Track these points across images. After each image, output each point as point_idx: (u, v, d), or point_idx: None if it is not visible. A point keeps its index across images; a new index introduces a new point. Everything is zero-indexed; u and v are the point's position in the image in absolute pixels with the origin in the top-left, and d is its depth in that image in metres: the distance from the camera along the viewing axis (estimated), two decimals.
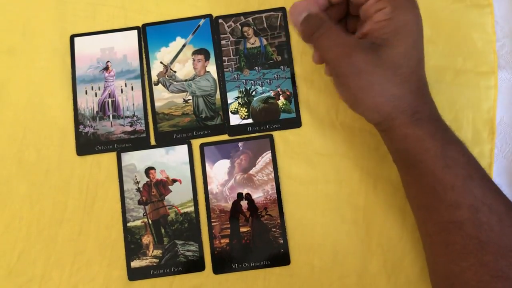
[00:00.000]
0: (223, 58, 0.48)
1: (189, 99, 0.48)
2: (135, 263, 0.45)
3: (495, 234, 0.34)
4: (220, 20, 0.48)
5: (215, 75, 0.48)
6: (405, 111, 0.37)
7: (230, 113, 0.47)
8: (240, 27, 0.48)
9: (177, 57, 0.48)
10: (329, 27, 0.38)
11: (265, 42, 0.48)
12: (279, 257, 0.44)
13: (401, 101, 0.37)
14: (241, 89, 0.48)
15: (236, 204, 0.46)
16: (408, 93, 0.37)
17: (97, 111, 0.48)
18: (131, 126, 0.47)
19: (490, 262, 0.34)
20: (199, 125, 0.47)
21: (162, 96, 0.48)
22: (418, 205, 0.39)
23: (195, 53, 0.48)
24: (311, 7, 0.39)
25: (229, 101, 0.47)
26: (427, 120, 0.37)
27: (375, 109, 0.38)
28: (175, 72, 0.48)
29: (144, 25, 0.49)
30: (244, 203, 0.46)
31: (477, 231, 0.34)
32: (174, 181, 0.46)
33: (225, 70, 0.48)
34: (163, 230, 0.45)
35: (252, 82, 0.48)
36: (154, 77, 0.48)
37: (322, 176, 0.46)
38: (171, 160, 0.47)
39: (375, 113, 0.38)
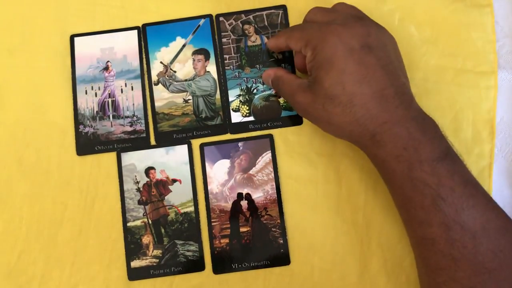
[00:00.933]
0: (224, 56, 0.48)
1: (189, 99, 0.48)
2: (135, 263, 0.45)
3: (468, 251, 0.34)
4: (221, 18, 0.48)
5: (215, 75, 0.48)
6: (363, 134, 0.37)
7: (231, 111, 0.47)
8: (241, 25, 0.48)
9: (177, 57, 0.48)
10: (283, 79, 0.43)
11: (266, 40, 0.48)
12: (279, 257, 0.44)
13: (353, 126, 0.37)
14: (242, 87, 0.48)
15: (236, 204, 0.46)
16: (358, 117, 0.37)
17: (97, 111, 0.48)
18: (131, 126, 0.47)
19: (463, 279, 0.34)
20: (199, 125, 0.47)
21: (162, 96, 0.48)
22: (401, 217, 0.40)
23: (195, 53, 0.48)
24: (275, 71, 0.45)
25: (230, 99, 0.47)
26: (389, 141, 0.36)
27: (336, 134, 0.41)
28: (175, 72, 0.48)
29: (144, 25, 0.49)
30: (244, 203, 0.46)
31: (449, 248, 0.34)
32: (174, 181, 0.46)
33: (226, 68, 0.48)
34: (163, 230, 0.45)
35: (254, 80, 0.48)
36: (154, 77, 0.48)
37: (322, 176, 0.46)
38: (171, 160, 0.47)
39: (343, 136, 0.40)
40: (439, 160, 0.35)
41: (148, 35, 0.49)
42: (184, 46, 0.49)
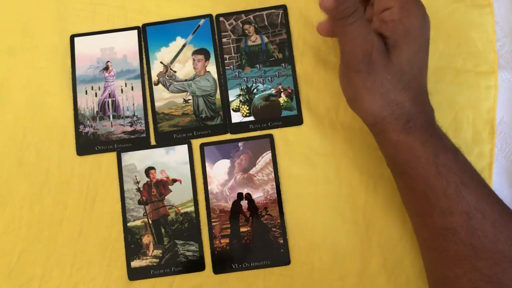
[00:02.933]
0: (224, 56, 0.48)
1: (189, 99, 0.48)
2: (135, 263, 0.45)
3: (489, 240, 0.34)
4: (221, 18, 0.48)
5: (215, 75, 0.48)
6: (399, 117, 0.37)
7: (231, 111, 0.47)
8: (241, 25, 0.48)
9: (177, 57, 0.48)
10: (360, 17, 0.36)
11: (266, 39, 0.48)
12: (279, 257, 0.44)
13: (399, 107, 0.37)
14: (242, 87, 0.48)
15: (236, 204, 0.46)
16: (406, 100, 0.37)
17: (97, 111, 0.48)
18: (131, 126, 0.47)
19: (484, 268, 0.34)
20: (199, 125, 0.47)
21: (162, 96, 0.48)
22: (412, 211, 0.40)
23: (195, 53, 0.48)
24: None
25: (230, 99, 0.47)
26: (420, 128, 0.37)
27: (372, 111, 0.38)
28: (175, 72, 0.48)
29: (144, 25, 0.49)
30: (244, 203, 0.46)
31: (470, 238, 0.34)
32: (174, 181, 0.46)
33: (226, 68, 0.48)
34: (163, 230, 0.45)
35: (254, 79, 0.48)
36: (154, 77, 0.48)
37: (322, 176, 0.46)
38: (171, 160, 0.47)
39: (370, 114, 0.38)
40: (457, 150, 0.37)
41: (148, 35, 0.49)
42: (184, 46, 0.48)
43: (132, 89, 0.48)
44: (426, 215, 0.37)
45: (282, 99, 0.47)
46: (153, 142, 0.47)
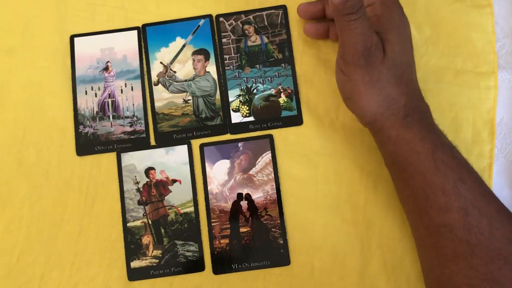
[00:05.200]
0: (224, 56, 0.48)
1: (189, 99, 0.48)
2: (135, 263, 0.45)
3: (485, 237, 0.34)
4: (221, 19, 0.48)
5: (215, 75, 0.48)
6: (397, 112, 0.37)
7: (231, 111, 0.47)
8: (241, 25, 0.48)
9: (177, 57, 0.48)
10: (364, 14, 0.36)
11: (266, 40, 0.48)
12: (279, 257, 0.44)
13: (395, 102, 0.37)
14: (242, 87, 0.48)
15: (236, 204, 0.46)
16: (401, 94, 0.38)
17: (97, 111, 0.48)
18: (131, 126, 0.47)
19: (480, 265, 0.34)
20: (199, 125, 0.47)
21: (162, 96, 0.48)
22: (409, 209, 0.40)
23: (195, 53, 0.48)
24: None
25: (230, 99, 0.47)
26: (418, 123, 0.37)
27: (370, 107, 0.38)
28: (175, 72, 0.48)
29: (144, 25, 0.49)
30: (244, 203, 0.46)
31: (467, 234, 0.35)
32: (174, 181, 0.46)
33: (226, 68, 0.48)
34: (163, 230, 0.45)
35: (253, 80, 0.48)
36: (154, 77, 0.48)
37: (322, 176, 0.46)
38: (171, 160, 0.47)
39: (368, 111, 0.38)
40: (454, 146, 0.38)
41: (148, 35, 0.49)
42: (184, 46, 0.48)
43: (132, 89, 0.48)
44: (424, 212, 0.37)
45: (282, 99, 0.47)
46: (153, 142, 0.47)
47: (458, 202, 0.35)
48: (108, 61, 0.49)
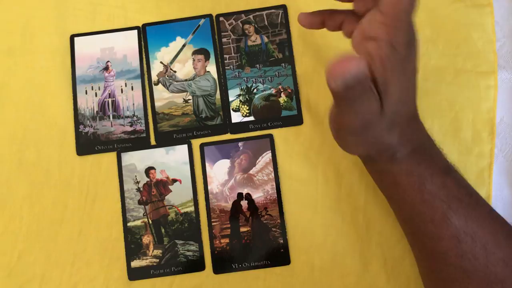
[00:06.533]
0: (224, 56, 0.48)
1: (189, 99, 0.48)
2: (135, 263, 0.45)
3: (479, 263, 0.34)
4: (221, 18, 0.48)
5: (215, 75, 0.48)
6: (385, 152, 0.36)
7: (231, 111, 0.47)
8: (241, 25, 0.48)
9: (177, 57, 0.48)
10: (369, 93, 0.31)
11: (266, 39, 0.48)
12: (279, 257, 0.44)
13: (384, 145, 0.35)
14: (242, 87, 0.48)
15: (236, 204, 0.46)
16: (393, 138, 0.35)
17: (97, 111, 0.48)
18: (131, 126, 0.47)
19: None
20: (199, 125, 0.47)
21: (162, 96, 0.48)
22: (404, 231, 0.40)
23: (195, 53, 0.48)
24: (357, 65, 0.29)
25: (230, 99, 0.47)
26: (406, 157, 0.36)
27: (359, 152, 0.38)
28: (175, 72, 0.48)
29: (144, 25, 0.49)
30: (244, 203, 0.46)
31: (460, 261, 0.34)
32: (174, 181, 0.46)
33: (226, 68, 0.48)
34: (163, 230, 0.45)
35: (254, 79, 0.48)
36: (154, 77, 0.48)
37: (322, 176, 0.46)
38: (171, 160, 0.47)
39: (356, 153, 0.39)
40: (446, 172, 0.36)
41: (148, 35, 0.49)
42: (184, 46, 0.49)
43: (132, 89, 0.48)
44: (416, 238, 0.37)
45: (282, 99, 0.47)
46: (153, 142, 0.47)
47: (449, 231, 0.34)
48: (108, 61, 0.49)
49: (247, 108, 0.47)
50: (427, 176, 0.35)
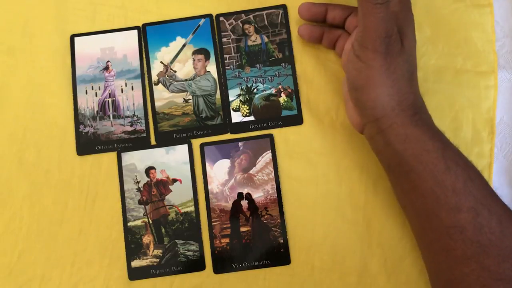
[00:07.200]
0: (224, 56, 0.48)
1: (189, 99, 0.48)
2: (135, 263, 0.45)
3: (496, 236, 0.34)
4: (221, 18, 0.48)
5: (215, 75, 0.48)
6: (407, 109, 0.37)
7: (231, 111, 0.47)
8: (241, 25, 0.48)
9: (177, 57, 0.48)
10: (389, 1, 0.36)
11: (266, 39, 0.48)
12: (280, 256, 0.44)
13: (405, 98, 0.37)
14: (242, 87, 0.48)
15: (236, 204, 0.46)
16: (411, 92, 0.38)
17: (97, 111, 0.48)
18: (131, 126, 0.47)
19: (492, 265, 0.34)
20: (199, 125, 0.47)
21: (162, 96, 0.48)
22: (415, 213, 0.38)
23: (195, 52, 0.48)
24: None
25: (230, 98, 0.47)
26: (426, 121, 0.38)
27: (382, 99, 0.37)
28: (175, 72, 0.48)
29: (144, 25, 0.49)
30: (244, 203, 0.46)
31: (477, 235, 0.34)
32: (175, 180, 0.46)
33: (226, 68, 0.48)
34: (163, 230, 0.46)
35: (254, 79, 0.48)
36: (154, 77, 0.48)
37: (322, 176, 0.46)
38: (172, 160, 0.47)
39: (380, 104, 0.37)
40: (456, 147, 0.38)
41: (148, 35, 0.49)
42: (184, 46, 0.49)
43: (132, 89, 0.48)
44: (433, 214, 0.36)
45: (282, 99, 0.47)
46: (153, 142, 0.47)
47: (468, 201, 0.35)
48: (108, 61, 0.49)
49: (247, 108, 0.47)
50: (447, 143, 0.37)
